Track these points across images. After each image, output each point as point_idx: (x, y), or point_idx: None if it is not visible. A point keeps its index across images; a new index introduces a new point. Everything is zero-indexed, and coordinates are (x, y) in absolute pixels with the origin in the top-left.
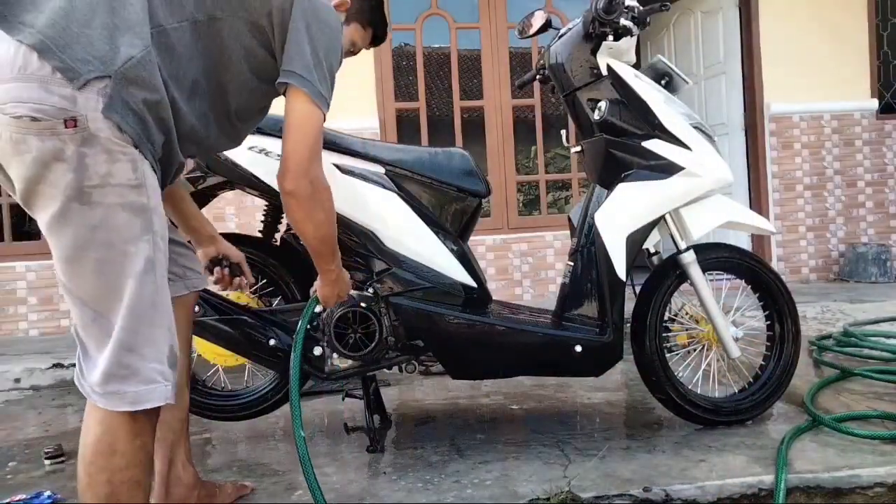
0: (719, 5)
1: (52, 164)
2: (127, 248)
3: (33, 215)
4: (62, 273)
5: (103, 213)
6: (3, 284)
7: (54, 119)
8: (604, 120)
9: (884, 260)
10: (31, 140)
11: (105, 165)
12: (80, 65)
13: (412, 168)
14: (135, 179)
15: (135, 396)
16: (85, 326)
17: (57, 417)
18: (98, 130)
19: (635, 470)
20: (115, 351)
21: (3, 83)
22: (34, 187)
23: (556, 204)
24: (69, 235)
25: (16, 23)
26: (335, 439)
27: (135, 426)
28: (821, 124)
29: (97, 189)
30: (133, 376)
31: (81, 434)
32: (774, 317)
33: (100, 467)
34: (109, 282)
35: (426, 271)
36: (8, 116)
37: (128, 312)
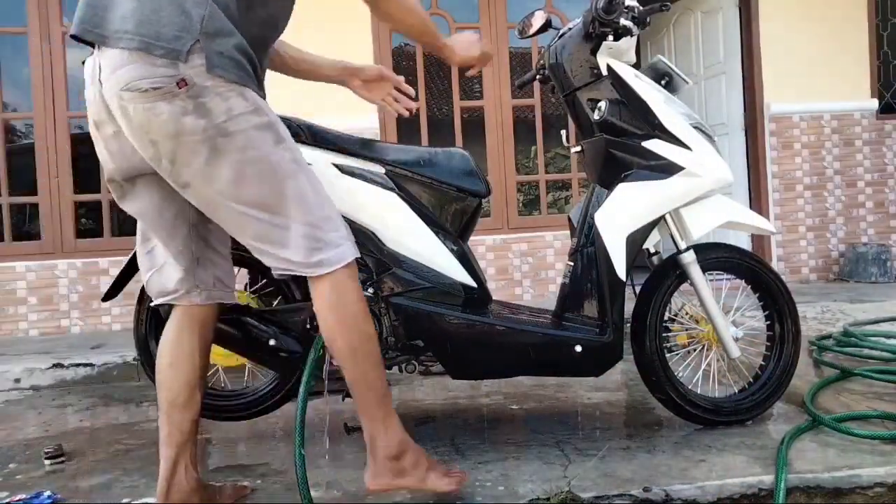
0: (719, 5)
1: (182, 118)
2: (271, 158)
3: (183, 170)
4: (235, 197)
5: (242, 136)
6: (3, 284)
7: (168, 84)
8: (604, 120)
9: (884, 260)
10: (160, 104)
11: (223, 104)
12: (175, 44)
13: (412, 168)
14: (250, 106)
15: (336, 257)
16: (264, 230)
17: (57, 417)
18: (203, 81)
19: (635, 470)
20: (303, 232)
21: (117, 70)
22: (180, 139)
23: (556, 204)
24: (227, 163)
25: (114, 38)
26: (335, 439)
27: (349, 275)
28: (821, 124)
29: (228, 121)
30: (326, 245)
31: (312, 294)
32: (774, 317)
33: (343, 304)
34: (272, 186)
35: (426, 271)
36: (135, 92)
37: (297, 203)
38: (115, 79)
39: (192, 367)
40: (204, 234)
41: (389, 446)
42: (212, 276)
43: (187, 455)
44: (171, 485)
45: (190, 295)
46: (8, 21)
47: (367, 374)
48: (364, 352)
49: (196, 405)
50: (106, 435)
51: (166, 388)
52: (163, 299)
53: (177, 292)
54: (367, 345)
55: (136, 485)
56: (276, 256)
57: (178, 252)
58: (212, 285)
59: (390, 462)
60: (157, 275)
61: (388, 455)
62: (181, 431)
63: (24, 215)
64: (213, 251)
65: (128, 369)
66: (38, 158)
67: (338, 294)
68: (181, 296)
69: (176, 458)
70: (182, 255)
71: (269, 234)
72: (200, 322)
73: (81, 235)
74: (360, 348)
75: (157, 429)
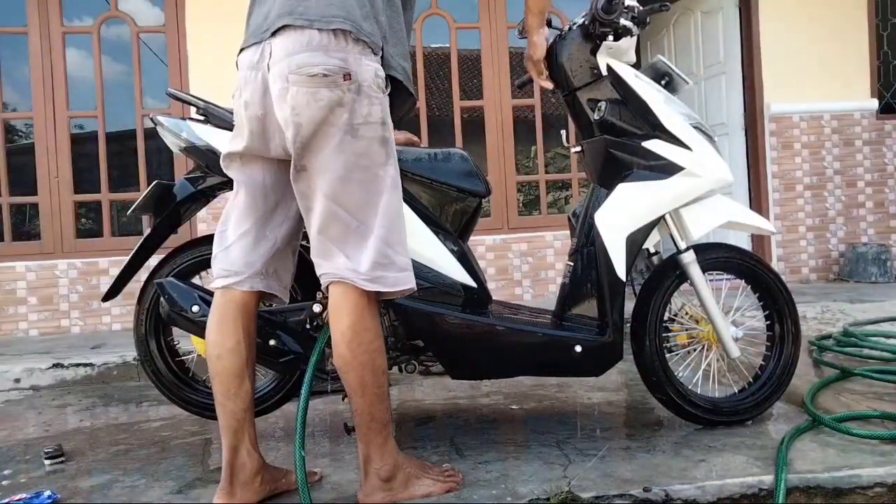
0: (719, 5)
1: (335, 108)
2: (377, 171)
3: (307, 154)
4: (333, 190)
5: (365, 143)
6: (3, 284)
7: (336, 75)
8: (604, 120)
9: (884, 260)
10: (323, 91)
11: (367, 108)
12: (373, 37)
13: (412, 168)
14: (382, 118)
15: (395, 280)
16: (346, 234)
17: (57, 417)
18: (363, 80)
19: (635, 470)
20: (378, 246)
21: (292, 55)
22: (321, 128)
23: (556, 204)
24: (342, 161)
25: (321, 20)
26: (335, 439)
27: (374, 308)
28: (821, 124)
29: (362, 126)
30: (392, 265)
31: (332, 322)
32: (774, 317)
33: (359, 342)
34: (369, 196)
35: (426, 271)
36: (304, 76)
37: (383, 218)
38: (287, 62)
39: (239, 358)
40: (294, 229)
41: (383, 469)
42: (274, 267)
43: (246, 439)
44: (234, 468)
45: (252, 280)
46: (8, 21)
47: (372, 406)
48: (373, 386)
49: (246, 394)
50: (106, 435)
51: (217, 380)
52: (224, 281)
53: (240, 275)
54: (378, 379)
55: (136, 485)
56: (342, 261)
57: (263, 235)
58: (271, 274)
59: (382, 483)
60: (223, 253)
61: (381, 477)
62: (236, 419)
63: (24, 215)
64: (289, 246)
65: (128, 369)
66: (38, 158)
67: (354, 331)
68: (244, 279)
69: (235, 444)
70: (265, 240)
71: (348, 237)
72: (244, 311)
73: (81, 235)
74: (370, 383)
75: (156, 429)
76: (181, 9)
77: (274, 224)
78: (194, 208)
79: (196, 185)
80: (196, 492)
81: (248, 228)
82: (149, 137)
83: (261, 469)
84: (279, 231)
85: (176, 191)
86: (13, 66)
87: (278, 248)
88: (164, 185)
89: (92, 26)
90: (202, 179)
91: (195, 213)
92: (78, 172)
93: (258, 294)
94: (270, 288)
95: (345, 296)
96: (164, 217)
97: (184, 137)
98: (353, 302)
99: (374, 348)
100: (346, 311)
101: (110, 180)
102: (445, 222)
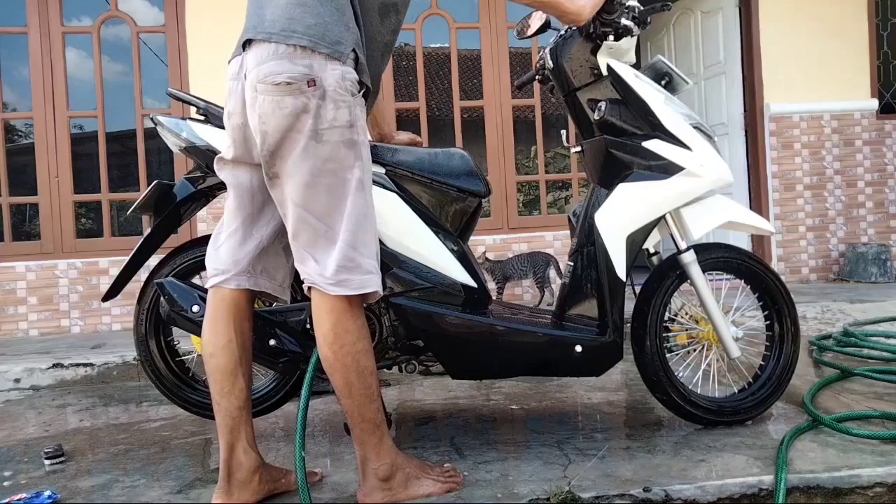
0: (719, 5)
1: (301, 115)
2: (345, 175)
3: (277, 161)
4: (301, 197)
5: (330, 148)
6: (3, 284)
7: (300, 82)
8: (604, 120)
9: (884, 260)
10: (287, 99)
11: (332, 112)
12: (338, 47)
13: (412, 168)
14: (349, 121)
15: (359, 283)
16: (315, 239)
17: (57, 417)
18: (328, 86)
19: (635, 470)
20: (342, 249)
21: (260, 65)
22: (287, 134)
23: (556, 204)
24: (308, 166)
25: (281, 35)
26: (335, 439)
27: (355, 310)
28: (821, 124)
29: (327, 130)
30: (357, 268)
31: (315, 326)
32: (773, 316)
33: (341, 345)
34: (335, 200)
35: (426, 271)
36: (269, 84)
37: (348, 221)
38: (256, 72)
39: (231, 356)
40: (281, 228)
41: (380, 469)
42: (262, 266)
43: (242, 438)
44: (231, 467)
45: (238, 278)
46: (8, 21)
47: (361, 407)
48: (360, 387)
49: (241, 391)
50: (106, 435)
51: (211, 378)
52: (214, 280)
53: (227, 273)
54: (365, 380)
55: (135, 485)
56: (312, 266)
57: (250, 234)
58: (259, 273)
59: (380, 482)
60: (214, 252)
61: (379, 477)
62: (231, 417)
63: (24, 215)
64: (279, 244)
65: (128, 369)
66: (38, 158)
67: (336, 334)
68: (231, 277)
69: (232, 442)
70: (251, 239)
71: (318, 242)
72: (235, 309)
73: (81, 235)
74: (356, 384)
75: (156, 429)
76: (181, 9)
77: (261, 224)
78: (194, 208)
79: (196, 185)
80: (196, 492)
81: (235, 228)
82: (149, 137)
83: (259, 468)
84: (265, 230)
85: (176, 191)
86: (13, 66)
87: (265, 247)
88: (164, 184)
89: (92, 26)
90: (202, 179)
91: (195, 213)
92: (78, 172)
93: (249, 293)
94: (259, 286)
95: (322, 300)
96: (164, 217)
97: (184, 137)
98: (331, 305)
99: (357, 350)
100: (325, 314)
101: (110, 180)
102: (445, 222)
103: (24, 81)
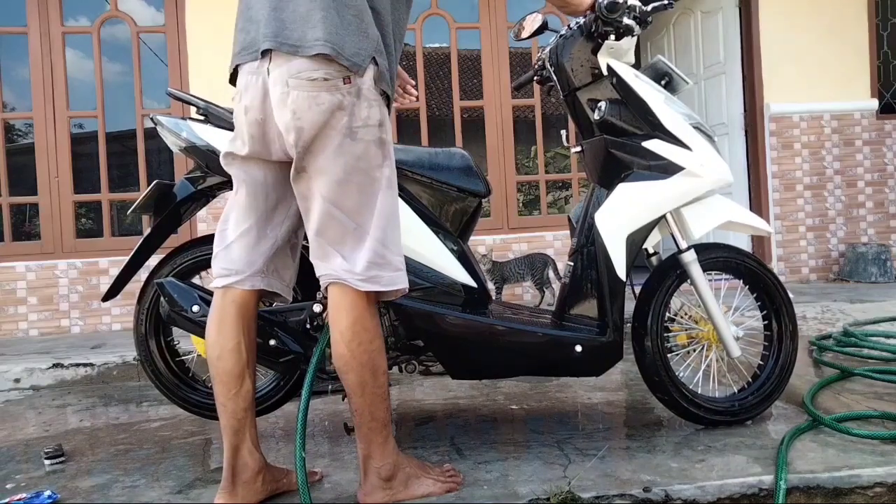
0: (719, 5)
1: (336, 111)
2: (375, 173)
3: (307, 157)
4: (332, 193)
5: (363, 146)
6: (3, 284)
7: (336, 79)
8: (604, 120)
9: (884, 260)
10: (324, 95)
11: (366, 111)
12: (356, 59)
13: (412, 168)
14: (380, 120)
15: (389, 279)
16: (343, 236)
17: (57, 417)
18: (362, 84)
19: (635, 470)
20: (373, 246)
21: (292, 60)
22: (322, 131)
23: (556, 204)
24: (342, 164)
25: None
26: (335, 439)
27: (373, 308)
28: (821, 124)
29: (361, 129)
30: (388, 265)
31: (331, 323)
32: (772, 316)
33: (358, 342)
34: (366, 198)
35: (426, 271)
36: (304, 80)
37: (379, 219)
38: (287, 67)
39: (239, 359)
40: (294, 227)
41: (383, 468)
42: (275, 266)
43: (247, 439)
44: (236, 468)
45: (253, 278)
46: (8, 21)
47: (373, 406)
48: (373, 386)
49: (247, 393)
50: (106, 435)
51: (218, 381)
52: (226, 280)
53: (241, 273)
54: (378, 379)
55: (136, 485)
56: (339, 262)
57: (264, 234)
58: (272, 273)
59: (382, 482)
60: (224, 252)
61: (382, 476)
62: (237, 419)
63: (24, 215)
64: (288, 244)
65: (128, 369)
66: (38, 158)
67: (354, 332)
68: (245, 278)
69: (237, 443)
70: (266, 239)
71: (345, 239)
72: (244, 311)
73: (81, 235)
74: (370, 383)
75: (156, 429)
76: (181, 9)
77: (275, 223)
78: (194, 208)
79: (196, 185)
80: (196, 492)
81: (248, 227)
82: (149, 137)
83: (262, 469)
84: (280, 230)
85: (176, 191)
86: (13, 66)
87: (279, 247)
88: (164, 184)
89: (92, 26)
90: (202, 179)
91: (195, 212)
92: (78, 172)
93: (258, 293)
94: (272, 286)
95: (343, 296)
96: (164, 217)
97: (184, 137)
98: (352, 302)
99: (373, 348)
100: (344, 311)
101: (110, 180)
102: (445, 222)
103: (24, 81)
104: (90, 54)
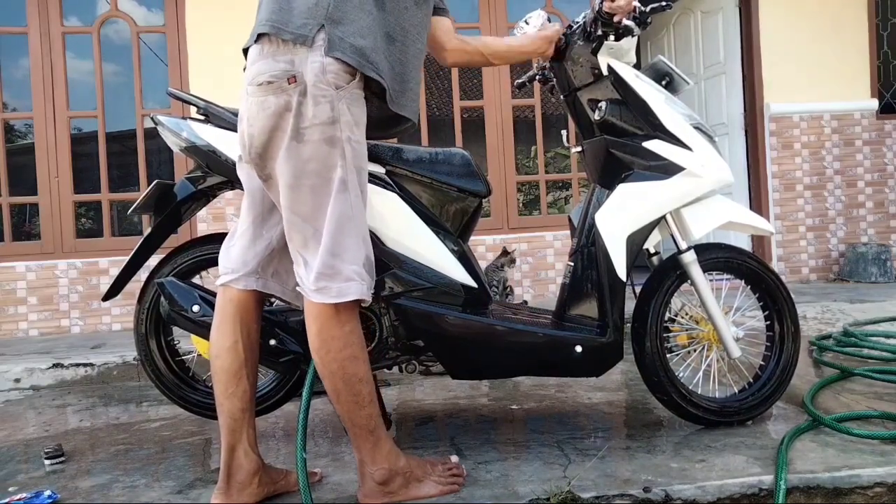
0: (719, 5)
1: (283, 113)
2: (328, 174)
3: (268, 163)
4: (287, 199)
5: (312, 147)
6: (3, 284)
7: (281, 80)
8: (604, 120)
9: (884, 260)
10: (270, 98)
11: (312, 109)
12: (302, 29)
13: (412, 168)
14: (331, 117)
15: (338, 291)
16: (306, 242)
17: (57, 417)
18: (308, 81)
19: (635, 470)
20: (323, 256)
21: (252, 66)
22: (272, 135)
23: (556, 204)
24: (291, 168)
25: (258, 28)
26: (335, 439)
27: (340, 316)
28: (821, 124)
29: (308, 129)
30: (336, 275)
31: (307, 332)
32: (774, 317)
33: (326, 351)
34: (319, 201)
35: (426, 271)
36: (255, 86)
37: (329, 224)
38: (246, 75)
39: (236, 358)
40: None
41: (376, 473)
42: (273, 269)
43: (244, 440)
44: (231, 468)
45: (247, 278)
46: (8, 21)
47: (350, 413)
48: (347, 394)
49: (244, 394)
50: (106, 435)
51: (216, 379)
52: (224, 278)
53: (236, 272)
54: (352, 387)
55: (136, 485)
56: (302, 270)
57: (259, 234)
58: (270, 275)
59: (378, 486)
60: (226, 250)
61: (376, 480)
62: (233, 419)
63: (24, 215)
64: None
65: (128, 369)
66: (38, 158)
67: (322, 340)
68: (239, 277)
69: (233, 443)
70: (261, 239)
71: (308, 245)
72: (242, 310)
73: (81, 235)
74: (343, 391)
75: (156, 429)
76: (181, 9)
77: (270, 224)
78: (194, 208)
79: (196, 185)
80: (196, 492)
81: (246, 227)
82: (149, 137)
83: (259, 470)
84: (275, 231)
85: (176, 190)
86: (13, 66)
87: (275, 249)
88: (164, 184)
89: (92, 26)
90: (202, 179)
91: (195, 212)
92: (78, 172)
93: (258, 294)
94: (268, 288)
95: (309, 305)
96: (165, 217)
97: (184, 137)
98: (317, 311)
99: (343, 357)
100: (311, 319)
101: (110, 180)
102: (445, 222)
103: (24, 81)
104: (90, 54)
